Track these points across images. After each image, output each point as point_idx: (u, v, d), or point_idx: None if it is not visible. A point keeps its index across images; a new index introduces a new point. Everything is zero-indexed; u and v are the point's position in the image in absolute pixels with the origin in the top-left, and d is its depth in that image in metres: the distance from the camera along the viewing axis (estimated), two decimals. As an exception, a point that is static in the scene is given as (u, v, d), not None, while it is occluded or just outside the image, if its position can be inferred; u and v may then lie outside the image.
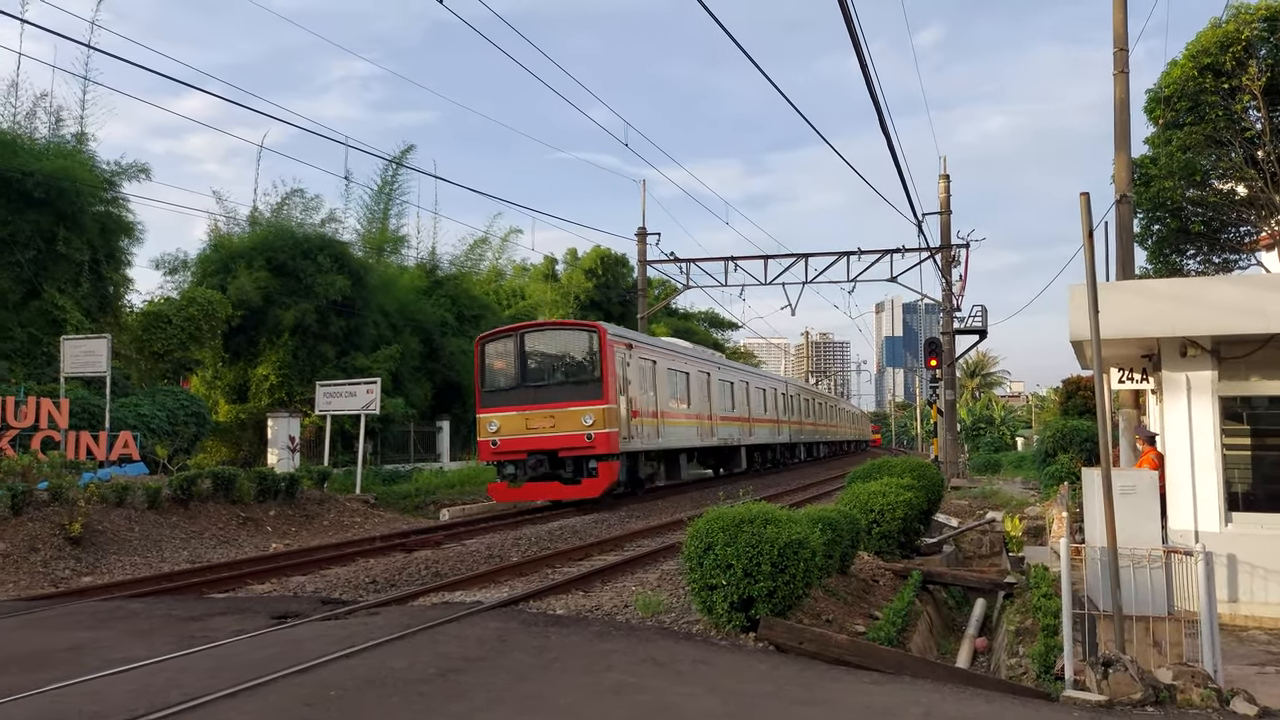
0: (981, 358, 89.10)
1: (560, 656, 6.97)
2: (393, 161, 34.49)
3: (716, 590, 7.87)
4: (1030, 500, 22.46)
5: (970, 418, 66.92)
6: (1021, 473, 36.05)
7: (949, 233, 33.26)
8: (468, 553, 13.61)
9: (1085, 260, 7.56)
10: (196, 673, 6.44)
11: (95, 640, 7.66)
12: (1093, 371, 8.32)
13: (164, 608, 9.30)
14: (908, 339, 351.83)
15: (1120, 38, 16.08)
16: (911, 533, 14.82)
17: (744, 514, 8.13)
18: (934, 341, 31.80)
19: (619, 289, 48.27)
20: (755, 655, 7.36)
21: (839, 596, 10.39)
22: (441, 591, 10.40)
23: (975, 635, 11.11)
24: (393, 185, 35.93)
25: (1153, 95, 21.64)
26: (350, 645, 7.14)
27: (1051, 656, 7.46)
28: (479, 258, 42.57)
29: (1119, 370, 13.24)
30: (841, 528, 10.71)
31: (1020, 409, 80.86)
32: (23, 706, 5.70)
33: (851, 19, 8.35)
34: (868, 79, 9.83)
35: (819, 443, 48.52)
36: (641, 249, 35.48)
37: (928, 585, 12.57)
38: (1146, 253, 23.91)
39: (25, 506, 13.37)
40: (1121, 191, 16.01)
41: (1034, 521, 17.80)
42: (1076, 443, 22.62)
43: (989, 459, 46.95)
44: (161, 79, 12.61)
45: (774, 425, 35.72)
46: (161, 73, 13.37)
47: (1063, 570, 7.19)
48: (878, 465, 17.26)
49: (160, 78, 13.48)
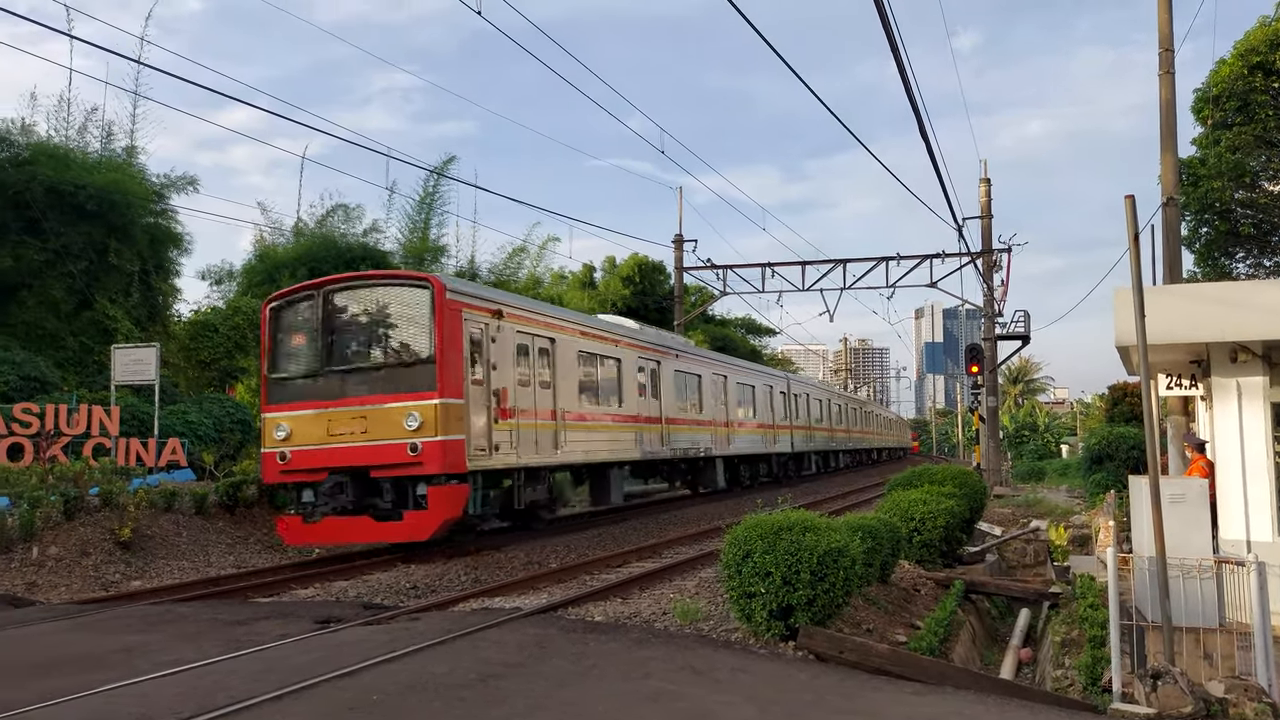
0: (1024, 364, 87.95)
1: (599, 663, 6.99)
2: (434, 172, 34.93)
3: (755, 598, 7.83)
4: (1075, 509, 22.07)
5: (1013, 425, 66.02)
6: (1066, 481, 35.47)
7: (990, 237, 32.86)
8: (506, 559, 13.70)
9: (1131, 264, 7.44)
10: (242, 676, 6.56)
11: (145, 643, 7.83)
12: (1139, 377, 8.17)
13: (210, 611, 9.48)
14: (948, 345, 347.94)
15: (1165, 38, 15.80)
16: (953, 541, 14.63)
17: (782, 521, 8.09)
18: (975, 347, 31.40)
19: (656, 296, 48.35)
20: (795, 664, 7.31)
21: (879, 605, 10.29)
22: (481, 597, 10.47)
23: (1020, 646, 10.94)
24: (434, 195, 36.39)
25: (1200, 95, 21.24)
26: (392, 650, 7.22)
27: (1099, 668, 7.33)
28: (517, 266, 42.91)
29: (1166, 376, 12.99)
30: (881, 536, 10.61)
31: (1065, 416, 79.63)
32: (76, 707, 5.84)
33: (890, 25, 8.31)
34: (906, 85, 9.77)
35: (838, 451, 42.05)
36: (678, 256, 35.49)
37: (970, 595, 12.40)
38: (1194, 256, 23.45)
39: (77, 511, 13.71)
40: (1168, 194, 15.71)
41: (1080, 530, 17.48)
42: (1123, 450, 22.23)
43: (1033, 466, 46.26)
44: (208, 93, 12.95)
45: (767, 432, 29.61)
46: (208, 87, 13.71)
47: (1110, 580, 7.06)
48: (918, 473, 17.07)
49: (207, 91, 13.81)
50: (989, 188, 33.49)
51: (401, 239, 35.77)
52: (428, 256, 36.59)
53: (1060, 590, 12.02)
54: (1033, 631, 11.77)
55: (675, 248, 35.45)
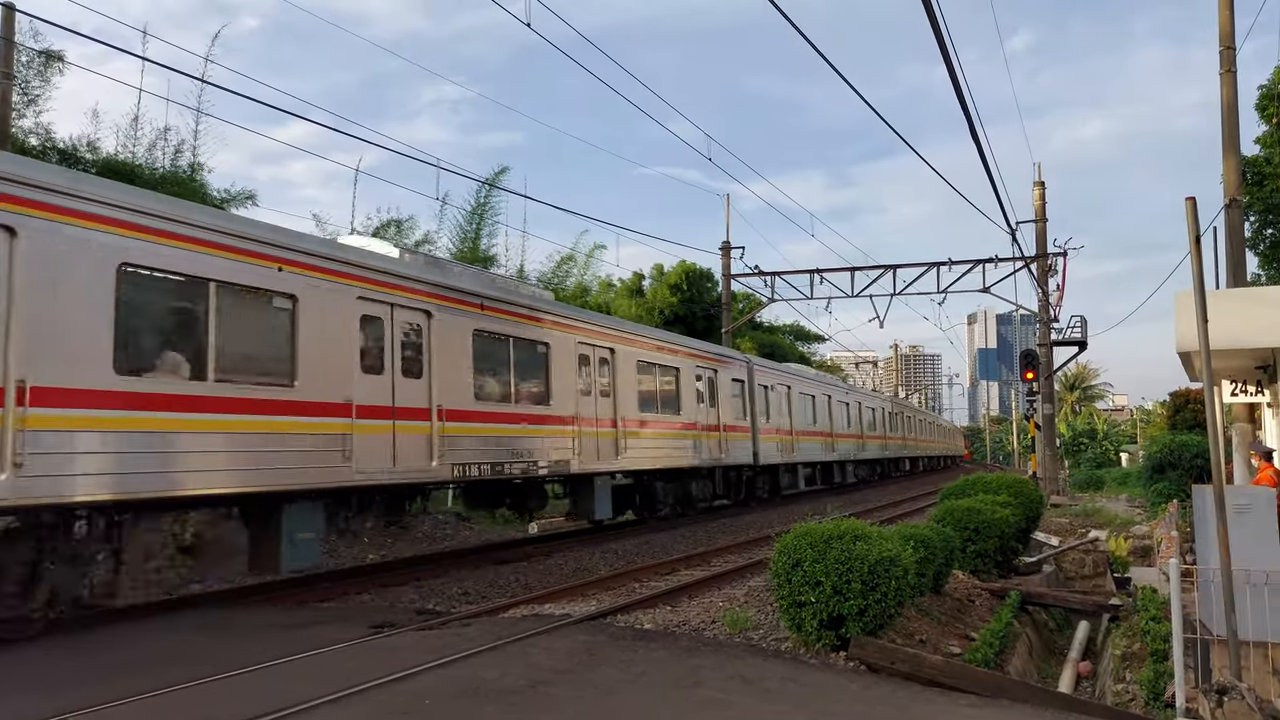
0: (1082, 370, 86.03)
1: (648, 671, 7.00)
2: (485, 183, 35.38)
3: (805, 607, 7.78)
4: (1136, 519, 21.57)
5: (1070, 432, 64.61)
6: (1126, 490, 34.66)
7: (1044, 241, 32.27)
8: (554, 565, 13.77)
9: (1192, 267, 7.27)
10: (301, 678, 6.69)
11: (206, 647, 8.03)
12: (1202, 384, 7.96)
13: (270, 615, 9.68)
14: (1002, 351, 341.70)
15: (1226, 35, 15.41)
16: (1009, 551, 14.36)
17: (833, 530, 8.04)
18: (1030, 354, 30.79)
19: (703, 303, 48.29)
20: (846, 674, 7.25)
21: (932, 616, 10.14)
22: (531, 604, 10.55)
23: (1078, 659, 10.71)
24: (484, 205, 36.84)
25: (1265, 92, 20.66)
26: (444, 655, 7.31)
27: (1161, 683, 7.15)
28: (565, 274, 43.19)
29: (1231, 382, 12.64)
30: (934, 545, 10.46)
31: (1124, 423, 77.75)
32: (141, 707, 6.02)
33: (940, 30, 8.24)
34: (957, 89, 9.66)
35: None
36: (725, 263, 35.44)
37: (1027, 606, 12.16)
38: (1258, 259, 22.79)
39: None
40: (1231, 195, 15.30)
41: (1141, 541, 17.07)
42: (1186, 459, 21.70)
43: (1091, 475, 45.31)
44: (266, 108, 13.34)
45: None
46: (266, 103, 14.06)
47: (1173, 592, 6.88)
48: (971, 482, 16.80)
49: (265, 107, 14.15)
50: (1043, 191, 32.94)
51: (453, 249, 36.27)
52: (478, 266, 37.05)
53: (1121, 602, 11.74)
54: (1092, 645, 11.52)
55: (722, 255, 35.41)
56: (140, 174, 24.18)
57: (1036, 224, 32.53)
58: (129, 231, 8.68)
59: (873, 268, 33.86)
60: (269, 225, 10.96)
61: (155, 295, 9.20)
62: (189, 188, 24.89)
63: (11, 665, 7.40)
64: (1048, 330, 32.06)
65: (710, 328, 43.11)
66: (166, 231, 9.04)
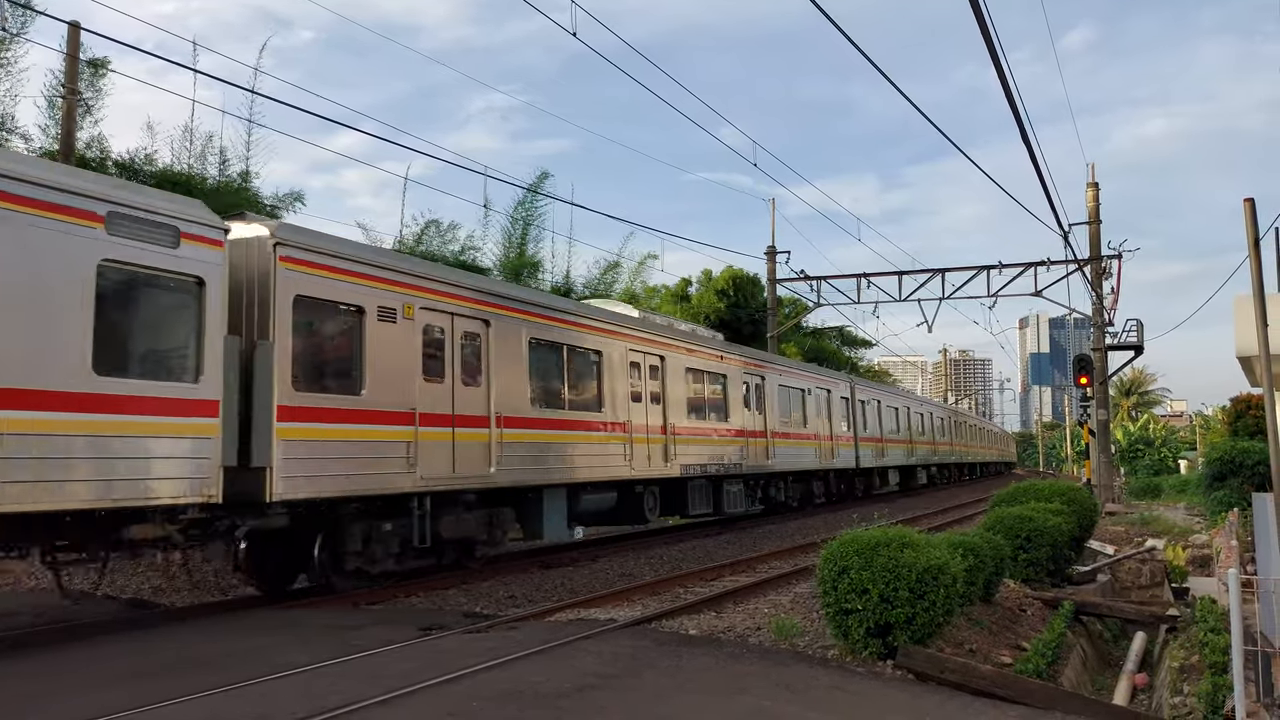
0: (1138, 375, 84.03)
1: (693, 677, 7.01)
2: (529, 190, 35.67)
3: (852, 615, 7.73)
4: (1195, 528, 21.03)
5: (1126, 439, 63.11)
6: (1185, 498, 33.79)
7: (1098, 243, 31.59)
8: (600, 570, 13.83)
9: (1251, 270, 7.10)
10: (353, 679, 6.83)
11: (263, 646, 8.22)
12: (1263, 389, 7.75)
13: (323, 618, 9.88)
14: (1055, 356, 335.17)
15: (1289, 30, 14.97)
16: (1062, 560, 14.08)
17: (880, 537, 7.97)
18: (1084, 358, 30.13)
19: (750, 308, 48.10)
20: (893, 684, 7.18)
21: (982, 625, 10.00)
22: (577, 608, 10.61)
23: (1134, 671, 10.46)
24: (530, 212, 37.14)
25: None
26: (492, 658, 7.40)
27: (1220, 696, 6.98)
28: (612, 281, 43.32)
29: (1294, 388, 12.24)
30: (984, 553, 10.31)
31: (1183, 429, 75.71)
32: (201, 704, 6.19)
33: (990, 33, 8.15)
34: (1008, 93, 9.54)
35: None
36: (771, 267, 35.30)
37: (1080, 616, 11.92)
38: (1325, 260, 22.05)
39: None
40: (1294, 195, 14.85)
41: (1199, 550, 16.65)
42: (1247, 466, 21.12)
43: (1148, 483, 44.24)
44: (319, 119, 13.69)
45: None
46: (318, 114, 14.40)
47: (1232, 603, 6.71)
48: (1023, 489, 16.50)
49: (317, 118, 14.48)
50: (1097, 192, 32.26)
51: (498, 255, 36.62)
52: (524, 271, 37.35)
53: (1178, 613, 11.46)
54: (1148, 656, 11.25)
55: (768, 259, 35.27)
56: (193, 184, 24.85)
57: (1090, 226, 31.87)
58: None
59: (921, 271, 33.47)
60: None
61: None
62: (242, 196, 25.55)
63: (70, 661, 7.66)
64: (1102, 335, 31.37)
65: (756, 333, 42.89)
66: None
